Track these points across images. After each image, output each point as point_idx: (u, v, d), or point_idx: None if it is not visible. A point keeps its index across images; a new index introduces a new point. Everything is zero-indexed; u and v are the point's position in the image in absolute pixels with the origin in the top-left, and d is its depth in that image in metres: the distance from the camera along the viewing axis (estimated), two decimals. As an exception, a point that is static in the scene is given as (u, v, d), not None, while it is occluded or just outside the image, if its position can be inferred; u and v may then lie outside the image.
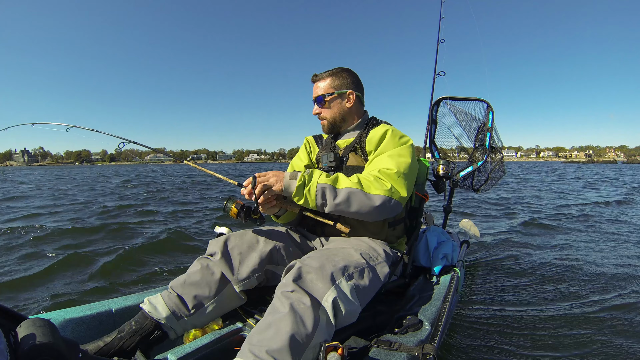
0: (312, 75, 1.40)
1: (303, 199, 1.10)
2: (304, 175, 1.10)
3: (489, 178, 2.52)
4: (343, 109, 1.37)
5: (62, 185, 12.96)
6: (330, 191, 1.08)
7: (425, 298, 1.34)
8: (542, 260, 3.05)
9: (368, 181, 1.12)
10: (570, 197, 8.20)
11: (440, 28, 2.58)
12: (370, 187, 1.10)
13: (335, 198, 1.08)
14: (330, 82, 1.35)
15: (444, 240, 1.78)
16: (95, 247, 3.40)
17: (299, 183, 1.08)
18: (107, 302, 1.21)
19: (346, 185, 1.10)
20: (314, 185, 1.08)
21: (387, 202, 1.10)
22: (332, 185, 1.09)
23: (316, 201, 1.09)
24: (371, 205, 1.09)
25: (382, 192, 1.10)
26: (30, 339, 0.68)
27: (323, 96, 1.35)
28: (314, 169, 1.15)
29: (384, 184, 1.12)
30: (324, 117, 1.39)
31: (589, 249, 3.50)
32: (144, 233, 4.15)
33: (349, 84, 1.36)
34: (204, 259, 1.16)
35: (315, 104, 1.39)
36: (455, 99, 2.45)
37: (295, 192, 1.09)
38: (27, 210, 6.15)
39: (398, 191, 1.13)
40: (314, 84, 1.40)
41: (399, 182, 1.14)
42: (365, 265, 1.06)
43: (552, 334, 1.76)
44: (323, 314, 0.88)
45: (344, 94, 1.36)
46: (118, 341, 1.00)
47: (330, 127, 1.41)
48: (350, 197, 1.08)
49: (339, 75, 1.36)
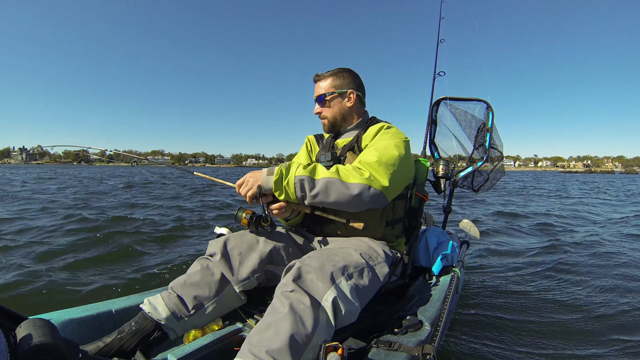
0: (314, 75, 1.41)
1: (284, 193, 1.10)
2: (281, 169, 1.10)
3: (489, 178, 2.52)
4: (343, 108, 1.38)
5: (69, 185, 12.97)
6: (309, 182, 1.08)
7: (425, 298, 1.34)
8: (542, 260, 3.05)
9: (347, 170, 1.11)
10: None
11: (440, 28, 2.58)
12: (349, 176, 1.09)
13: (312, 189, 1.08)
14: (331, 81, 1.37)
15: (444, 240, 1.78)
16: (96, 248, 3.40)
17: (276, 177, 1.08)
18: (107, 302, 1.21)
19: (324, 175, 1.09)
20: (291, 178, 1.08)
21: (366, 190, 1.08)
22: (310, 176, 1.09)
23: (296, 194, 1.09)
24: (349, 194, 1.08)
25: (359, 181, 1.08)
26: (30, 339, 0.68)
27: (324, 95, 1.36)
28: (290, 162, 1.15)
29: (362, 173, 1.11)
30: (325, 116, 1.40)
31: (593, 250, 3.51)
32: (145, 233, 4.15)
33: (349, 84, 1.38)
34: (204, 259, 1.17)
35: (317, 103, 1.40)
36: (455, 99, 2.45)
37: (275, 187, 1.09)
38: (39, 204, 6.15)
39: (377, 179, 1.11)
40: (315, 84, 1.41)
41: (379, 170, 1.12)
42: (364, 265, 1.06)
43: (553, 334, 1.76)
44: (323, 314, 0.88)
45: (344, 93, 1.37)
46: (118, 342, 1.00)
47: (330, 126, 1.41)
48: (328, 187, 1.07)
49: (340, 75, 1.38)
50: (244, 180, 1.14)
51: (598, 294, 2.26)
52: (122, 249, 3.26)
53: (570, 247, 3.60)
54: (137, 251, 3.28)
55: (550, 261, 3.06)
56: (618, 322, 1.86)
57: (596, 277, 2.59)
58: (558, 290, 2.36)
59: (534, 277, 2.65)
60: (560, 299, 2.21)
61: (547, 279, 2.62)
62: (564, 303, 2.13)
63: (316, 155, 1.51)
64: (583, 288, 2.38)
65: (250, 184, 1.12)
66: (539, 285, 2.48)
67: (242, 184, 1.14)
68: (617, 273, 2.67)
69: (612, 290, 2.32)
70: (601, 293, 2.28)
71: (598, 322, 1.86)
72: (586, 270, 2.79)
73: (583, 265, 2.91)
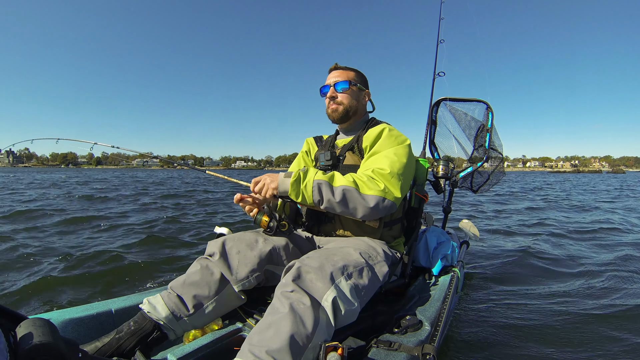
0: (334, 63, 1.45)
1: (300, 196, 1.11)
2: (299, 172, 1.12)
3: (489, 179, 2.52)
4: (359, 102, 1.44)
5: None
6: (327, 188, 1.10)
7: (425, 298, 1.34)
8: (543, 261, 3.05)
9: (362, 181, 1.14)
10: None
11: (440, 28, 2.58)
12: (364, 188, 1.12)
13: (331, 195, 1.10)
14: (354, 75, 1.44)
15: (444, 240, 1.78)
16: (96, 247, 3.40)
17: (294, 179, 1.10)
18: (107, 302, 1.21)
19: (342, 183, 1.11)
20: (310, 181, 1.10)
21: (381, 202, 1.13)
22: (329, 182, 1.11)
23: (313, 197, 1.11)
24: (365, 206, 1.12)
25: (375, 193, 1.12)
26: (30, 338, 0.67)
27: (350, 82, 1.40)
28: (309, 167, 1.17)
29: (377, 184, 1.13)
30: (342, 102, 1.41)
31: (594, 249, 3.51)
32: (144, 234, 4.15)
33: (365, 84, 1.47)
34: (203, 259, 1.16)
35: (333, 88, 1.41)
36: (455, 100, 2.45)
37: (291, 189, 1.10)
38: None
39: (392, 191, 1.15)
40: (335, 71, 1.45)
41: (392, 182, 1.16)
42: (364, 264, 1.06)
43: (553, 334, 1.75)
44: (323, 314, 0.88)
45: (363, 90, 1.45)
46: (116, 342, 1.00)
47: (344, 113, 1.42)
48: (345, 195, 1.10)
49: (361, 74, 1.48)
50: (262, 178, 1.17)
51: (602, 295, 2.25)
52: (122, 250, 3.25)
53: (571, 245, 3.60)
54: (138, 252, 3.28)
55: (553, 261, 3.06)
56: (621, 323, 1.86)
57: (601, 278, 2.59)
58: (559, 290, 2.36)
59: (535, 277, 2.65)
60: (561, 298, 2.21)
61: (549, 278, 2.62)
62: (565, 303, 2.13)
63: (315, 154, 1.51)
64: (586, 288, 2.38)
65: (267, 182, 1.14)
66: (540, 285, 2.48)
67: (259, 182, 1.16)
68: (627, 274, 2.66)
69: (617, 291, 2.32)
70: (605, 294, 2.27)
71: (601, 323, 1.86)
72: (588, 269, 2.80)
73: (587, 265, 2.91)
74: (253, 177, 1.18)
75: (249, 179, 1.24)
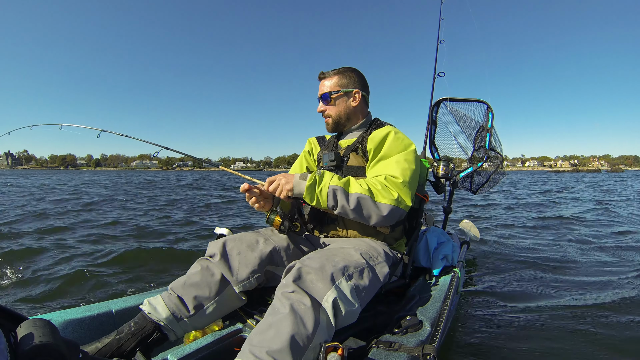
0: (319, 73, 1.41)
1: (315, 200, 1.11)
2: (315, 175, 1.13)
3: (489, 179, 2.52)
4: (348, 108, 1.39)
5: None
6: (342, 194, 1.11)
7: (425, 298, 1.34)
8: (543, 261, 3.05)
9: (376, 190, 1.14)
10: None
11: (440, 29, 2.58)
12: (379, 196, 1.13)
13: (345, 202, 1.11)
14: (337, 80, 1.38)
15: (444, 240, 1.78)
16: (97, 248, 3.40)
17: (309, 183, 1.11)
18: (107, 303, 1.21)
19: (357, 190, 1.12)
20: (325, 186, 1.11)
21: (395, 211, 1.14)
22: (344, 188, 1.11)
23: (327, 202, 1.11)
24: (379, 214, 1.13)
25: (389, 202, 1.13)
26: (30, 339, 0.67)
27: (329, 93, 1.37)
28: (325, 171, 1.16)
29: (391, 193, 1.14)
30: (329, 115, 1.40)
31: (595, 250, 3.50)
32: (144, 233, 4.15)
33: (355, 83, 1.39)
34: (204, 260, 1.16)
35: (321, 102, 1.40)
36: (455, 100, 2.46)
37: (306, 192, 1.11)
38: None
39: (404, 200, 1.16)
40: (320, 82, 1.41)
41: (405, 191, 1.17)
42: (365, 265, 1.06)
43: (553, 335, 1.75)
44: (323, 314, 0.88)
45: (350, 92, 1.38)
46: (116, 342, 0.99)
47: (334, 124, 1.41)
48: (359, 203, 1.11)
49: (346, 74, 1.39)
50: (276, 178, 1.17)
51: (602, 296, 2.25)
52: (122, 250, 3.25)
53: (573, 244, 3.60)
54: (137, 252, 3.28)
55: (553, 261, 3.05)
56: (622, 323, 1.85)
57: (601, 278, 2.59)
58: (560, 290, 2.35)
59: (536, 277, 2.65)
60: (562, 299, 2.20)
61: (549, 278, 2.61)
62: (565, 303, 2.13)
63: (318, 154, 1.50)
64: (586, 289, 2.37)
65: (282, 183, 1.14)
66: (540, 285, 2.48)
67: (274, 181, 1.16)
68: (627, 274, 2.66)
69: (618, 291, 2.31)
70: (606, 294, 2.27)
71: (601, 323, 1.85)
72: (589, 270, 2.79)
73: (588, 266, 2.91)
74: (253, 178, 1.18)
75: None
